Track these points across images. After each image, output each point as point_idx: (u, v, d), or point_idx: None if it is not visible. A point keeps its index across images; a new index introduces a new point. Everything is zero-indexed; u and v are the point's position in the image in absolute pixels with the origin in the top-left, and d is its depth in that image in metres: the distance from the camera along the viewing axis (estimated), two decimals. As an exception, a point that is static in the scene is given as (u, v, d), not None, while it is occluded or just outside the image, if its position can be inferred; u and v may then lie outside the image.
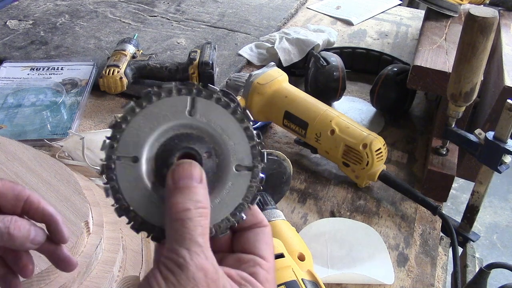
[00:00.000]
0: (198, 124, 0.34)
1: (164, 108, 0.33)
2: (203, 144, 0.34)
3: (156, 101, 0.33)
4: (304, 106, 0.79)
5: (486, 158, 0.67)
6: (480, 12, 0.63)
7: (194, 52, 0.97)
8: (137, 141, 0.33)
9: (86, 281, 0.52)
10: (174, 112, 0.34)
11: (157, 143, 0.34)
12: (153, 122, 0.33)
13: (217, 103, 0.34)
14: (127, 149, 0.33)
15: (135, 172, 0.33)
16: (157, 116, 0.33)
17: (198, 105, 0.34)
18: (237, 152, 0.34)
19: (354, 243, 0.68)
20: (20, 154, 0.63)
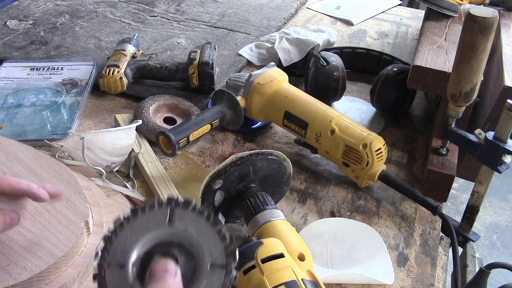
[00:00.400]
0: (176, 232, 0.40)
1: (148, 220, 0.40)
2: (181, 249, 0.40)
3: (141, 215, 0.40)
4: (304, 106, 0.79)
5: (486, 158, 0.67)
6: (480, 12, 0.63)
7: (194, 52, 0.97)
8: (124, 250, 0.39)
9: (86, 281, 0.53)
10: (156, 223, 0.40)
11: (142, 250, 0.40)
12: (138, 233, 0.40)
13: (192, 211, 0.40)
14: (116, 257, 0.39)
15: (122, 277, 0.39)
16: (142, 227, 0.40)
17: (176, 214, 0.40)
18: (211, 252, 0.40)
19: (354, 243, 0.68)
20: (20, 154, 0.63)
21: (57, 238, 0.52)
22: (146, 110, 0.86)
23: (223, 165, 0.63)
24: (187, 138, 0.75)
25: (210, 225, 0.40)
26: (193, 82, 0.95)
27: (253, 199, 0.62)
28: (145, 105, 0.87)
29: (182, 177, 0.78)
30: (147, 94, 0.94)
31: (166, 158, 0.81)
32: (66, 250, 0.51)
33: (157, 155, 0.80)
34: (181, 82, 0.97)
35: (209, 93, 0.96)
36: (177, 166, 0.80)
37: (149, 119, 0.84)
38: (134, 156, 0.79)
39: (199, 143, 0.86)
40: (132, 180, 0.76)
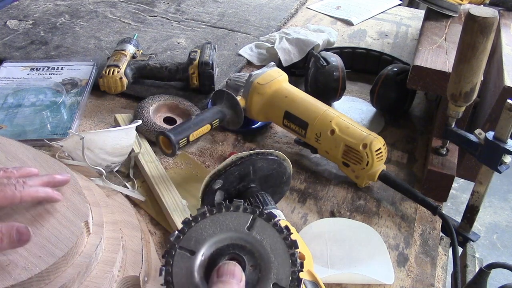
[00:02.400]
0: (252, 240, 0.41)
1: (229, 219, 0.41)
2: (251, 257, 0.40)
3: (225, 212, 0.41)
4: (304, 106, 0.79)
5: (486, 158, 0.67)
6: (480, 12, 0.63)
7: (194, 52, 0.97)
8: (199, 239, 0.40)
9: (86, 281, 0.52)
10: (236, 224, 0.41)
11: (215, 246, 0.40)
12: (217, 227, 0.40)
13: (273, 226, 0.41)
14: (189, 243, 0.40)
15: (189, 263, 0.39)
16: (222, 224, 0.40)
17: (257, 224, 0.41)
18: (278, 272, 0.40)
19: (354, 243, 0.68)
20: (20, 154, 0.63)
21: (57, 238, 0.52)
22: (146, 110, 0.86)
23: (223, 165, 0.63)
24: (187, 138, 0.75)
25: (286, 246, 0.41)
26: (193, 82, 0.95)
27: (253, 199, 0.62)
28: (145, 105, 0.87)
29: (182, 177, 0.78)
30: (147, 94, 0.94)
31: (166, 158, 0.81)
32: (66, 250, 0.50)
33: (157, 155, 0.80)
34: (181, 82, 0.97)
35: (209, 93, 0.96)
36: (177, 166, 0.80)
37: (149, 119, 0.84)
38: (134, 156, 0.79)
39: (199, 143, 0.86)
40: (132, 180, 0.76)
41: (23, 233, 0.49)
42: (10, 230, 0.48)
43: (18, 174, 0.56)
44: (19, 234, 0.48)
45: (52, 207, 0.55)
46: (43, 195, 0.54)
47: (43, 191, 0.54)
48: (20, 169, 0.57)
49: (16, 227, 0.48)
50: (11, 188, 0.51)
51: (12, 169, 0.56)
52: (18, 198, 0.52)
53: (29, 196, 0.52)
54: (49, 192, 0.54)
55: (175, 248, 0.39)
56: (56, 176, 0.57)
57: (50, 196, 0.54)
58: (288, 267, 0.40)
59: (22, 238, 0.49)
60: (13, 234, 0.48)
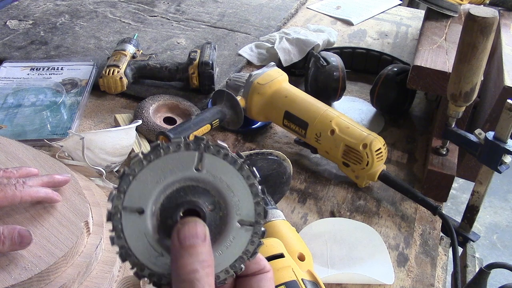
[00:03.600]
0: (204, 179, 0.35)
1: (172, 162, 0.34)
2: (207, 197, 0.35)
3: (164, 155, 0.34)
4: (304, 106, 0.79)
5: (486, 158, 0.67)
6: (480, 12, 0.63)
7: (194, 52, 0.97)
8: (143, 193, 0.34)
9: (86, 281, 0.52)
10: (181, 166, 0.35)
11: (163, 196, 0.35)
12: (159, 175, 0.34)
13: (224, 159, 0.35)
14: (133, 201, 0.34)
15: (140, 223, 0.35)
16: (164, 169, 0.34)
17: (206, 160, 0.35)
18: (241, 207, 0.36)
19: (354, 243, 0.68)
20: (20, 154, 0.63)
21: (57, 238, 0.52)
22: (146, 110, 0.86)
23: (223, 165, 0.62)
24: (187, 138, 0.75)
25: (243, 177, 0.35)
26: (193, 82, 0.95)
27: (253, 199, 0.62)
28: (145, 105, 0.87)
29: (182, 177, 0.78)
30: (147, 94, 0.94)
31: (166, 158, 0.81)
32: (66, 250, 0.50)
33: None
34: (181, 82, 0.97)
35: (209, 93, 0.96)
36: (177, 166, 0.80)
37: (149, 119, 0.84)
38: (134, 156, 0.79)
39: (199, 143, 0.86)
40: (132, 180, 0.76)
41: (24, 236, 0.49)
42: (12, 233, 0.49)
43: (18, 174, 0.56)
44: (20, 237, 0.49)
45: (52, 207, 0.55)
46: (43, 195, 0.54)
47: (43, 192, 0.54)
48: (20, 169, 0.57)
49: (18, 230, 0.49)
50: (11, 188, 0.51)
51: (12, 169, 0.56)
52: (18, 198, 0.52)
53: (29, 196, 0.53)
54: (49, 193, 0.55)
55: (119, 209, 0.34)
56: (56, 176, 0.57)
57: (49, 196, 0.55)
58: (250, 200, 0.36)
59: (23, 241, 0.49)
60: (14, 237, 0.49)
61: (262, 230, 0.36)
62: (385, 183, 0.76)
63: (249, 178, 0.35)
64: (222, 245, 0.36)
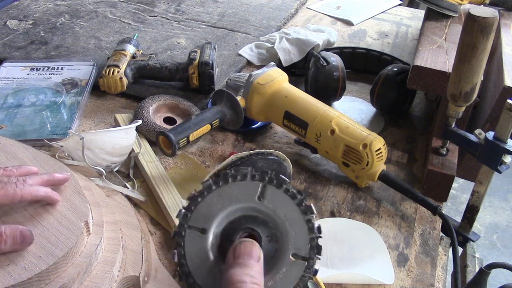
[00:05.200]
0: (264, 209, 0.38)
1: (237, 190, 0.38)
2: (266, 228, 0.38)
3: (232, 183, 0.38)
4: (304, 106, 0.79)
5: (486, 158, 0.67)
6: (480, 12, 0.63)
7: (194, 52, 0.97)
8: (208, 215, 0.37)
9: (86, 281, 0.52)
10: (245, 195, 0.38)
11: (226, 220, 0.38)
12: (225, 200, 0.38)
13: (285, 193, 0.38)
14: (198, 221, 0.37)
15: (201, 242, 0.37)
16: (230, 196, 0.38)
17: (268, 192, 0.38)
18: (296, 241, 0.38)
19: (354, 243, 0.68)
20: (20, 154, 0.63)
21: (57, 238, 0.52)
22: (146, 110, 0.86)
23: (223, 165, 0.63)
24: (187, 138, 0.75)
25: (301, 212, 0.38)
26: (193, 82, 0.95)
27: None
28: (145, 105, 0.87)
29: (182, 177, 0.78)
30: (147, 94, 0.94)
31: (166, 158, 0.81)
32: (66, 250, 0.50)
33: (157, 155, 0.80)
34: (181, 82, 0.97)
35: (209, 93, 0.96)
36: (177, 166, 0.80)
37: (149, 119, 0.84)
38: (134, 156, 0.79)
39: (199, 143, 0.86)
40: (132, 180, 0.76)
41: (26, 236, 0.49)
42: (14, 232, 0.49)
43: (18, 173, 0.56)
44: (22, 236, 0.49)
45: (51, 207, 0.55)
46: (43, 194, 0.54)
47: (43, 191, 0.54)
48: (20, 168, 0.57)
49: (19, 230, 0.49)
50: (11, 186, 0.52)
51: (12, 168, 0.56)
52: (18, 196, 0.52)
53: (30, 194, 0.53)
54: (49, 192, 0.55)
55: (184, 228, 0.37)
56: (55, 174, 0.58)
57: (49, 196, 0.55)
58: (305, 235, 0.37)
59: (25, 241, 0.49)
60: (16, 237, 0.49)
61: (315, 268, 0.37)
62: (385, 183, 0.76)
63: (307, 214, 0.38)
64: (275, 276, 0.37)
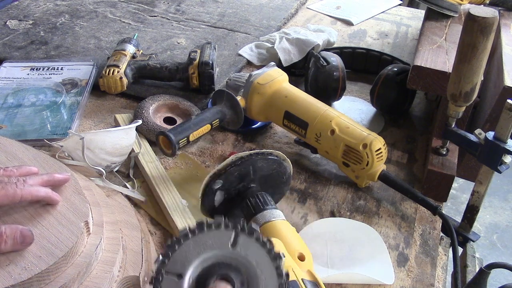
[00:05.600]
0: (237, 256, 0.40)
1: (212, 238, 0.40)
2: (238, 273, 0.40)
3: (207, 231, 0.40)
4: (304, 106, 0.79)
5: (486, 158, 0.67)
6: (480, 12, 0.63)
7: (194, 52, 0.97)
8: (184, 261, 0.40)
9: (86, 281, 0.52)
10: (219, 243, 0.40)
11: (201, 266, 0.40)
12: (200, 248, 0.40)
13: (256, 241, 0.41)
14: (175, 267, 0.40)
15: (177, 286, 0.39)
16: (205, 243, 0.40)
17: (240, 239, 0.41)
18: (266, 285, 0.40)
19: (354, 243, 0.68)
20: (20, 154, 0.63)
21: (57, 238, 0.52)
22: (146, 110, 0.86)
23: (223, 165, 0.63)
24: (187, 138, 0.75)
25: (270, 259, 0.41)
26: (193, 82, 0.95)
27: (253, 199, 0.62)
28: (145, 105, 0.87)
29: (182, 177, 0.78)
30: (147, 94, 0.94)
31: (166, 158, 0.81)
32: (66, 250, 0.50)
33: (157, 155, 0.80)
34: (181, 82, 0.97)
35: (209, 93, 0.96)
36: (177, 166, 0.80)
37: (149, 119, 0.84)
38: (134, 156, 0.79)
39: (199, 143, 0.86)
40: (132, 180, 0.76)
41: (26, 235, 0.49)
42: (14, 232, 0.49)
43: (18, 173, 0.56)
44: (22, 236, 0.49)
45: (51, 207, 0.55)
46: (43, 194, 0.54)
47: (43, 191, 0.54)
48: (20, 168, 0.57)
49: (20, 230, 0.49)
50: (12, 186, 0.52)
51: (12, 168, 0.56)
52: (18, 196, 0.52)
53: (30, 194, 0.53)
54: (49, 192, 0.55)
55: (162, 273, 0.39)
56: (55, 175, 0.58)
57: (49, 196, 0.55)
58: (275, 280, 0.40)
59: (25, 241, 0.49)
60: (16, 237, 0.49)
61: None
62: (385, 183, 0.76)
63: (275, 260, 0.40)
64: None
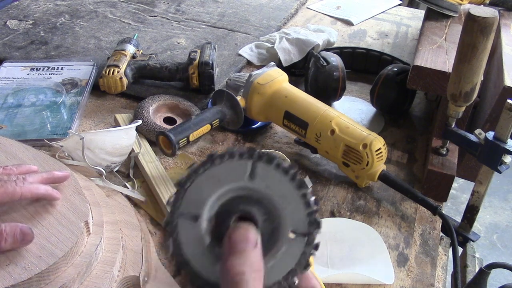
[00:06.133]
0: (257, 188, 0.35)
1: (226, 170, 0.35)
2: (260, 207, 0.35)
3: (219, 164, 0.35)
4: (304, 106, 0.79)
5: (486, 158, 0.67)
6: (480, 12, 0.63)
7: (194, 52, 0.97)
8: (199, 200, 0.35)
9: (86, 281, 0.53)
10: (235, 175, 0.35)
11: (217, 204, 0.35)
12: (215, 183, 0.35)
13: (276, 169, 0.35)
14: (189, 207, 0.35)
15: (195, 229, 0.35)
16: (219, 178, 0.35)
17: (258, 169, 0.35)
18: (293, 217, 0.35)
19: (354, 243, 0.68)
20: (20, 154, 0.63)
21: (57, 238, 0.52)
22: (146, 110, 0.86)
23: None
24: (187, 138, 0.75)
25: (295, 187, 0.35)
26: (193, 82, 0.95)
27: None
28: (145, 105, 0.87)
29: (182, 177, 0.78)
30: (147, 94, 0.94)
31: (166, 158, 0.81)
32: (66, 250, 0.50)
33: (157, 155, 0.80)
34: (181, 82, 0.97)
35: (209, 93, 0.96)
36: (177, 166, 0.80)
37: (149, 119, 0.84)
38: (134, 156, 0.79)
39: (199, 143, 0.86)
40: (132, 180, 0.76)
41: (26, 233, 0.49)
42: (14, 230, 0.49)
43: (18, 171, 0.56)
44: (22, 234, 0.49)
45: (51, 207, 0.55)
46: (43, 192, 0.54)
47: (43, 188, 0.54)
48: (19, 166, 0.57)
49: (20, 228, 0.49)
50: (11, 184, 0.52)
51: (12, 167, 0.56)
52: (18, 194, 0.52)
53: (29, 192, 0.53)
54: (49, 190, 0.55)
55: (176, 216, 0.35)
56: (55, 172, 0.58)
57: (49, 193, 0.55)
58: (302, 210, 0.35)
59: (25, 239, 0.49)
60: (16, 234, 0.49)
61: (316, 242, 0.35)
62: (385, 183, 0.76)
63: (301, 188, 0.35)
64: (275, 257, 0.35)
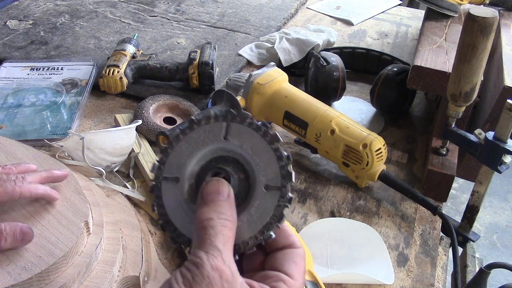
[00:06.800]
0: (231, 147, 0.38)
1: (203, 134, 0.38)
2: (236, 165, 0.38)
3: (197, 128, 0.38)
4: (304, 106, 0.79)
5: (486, 158, 0.67)
6: (480, 12, 0.63)
7: (194, 52, 0.97)
8: (180, 163, 0.38)
9: (86, 281, 0.53)
10: (211, 137, 0.38)
11: (197, 165, 0.38)
12: (193, 147, 0.38)
13: (249, 127, 0.38)
14: (171, 171, 0.38)
15: (177, 191, 0.38)
16: (197, 141, 0.38)
17: (232, 129, 0.38)
18: (266, 172, 0.38)
19: (354, 243, 0.68)
20: (20, 154, 0.63)
21: (57, 238, 0.52)
22: (146, 110, 0.86)
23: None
24: (187, 138, 0.75)
25: (267, 142, 0.38)
26: (193, 82, 0.95)
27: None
28: (145, 105, 0.87)
29: (182, 177, 0.78)
30: (147, 94, 0.94)
31: (166, 158, 0.81)
32: (66, 250, 0.50)
33: (157, 155, 0.80)
34: (181, 82, 0.97)
35: (209, 93, 0.96)
36: (177, 166, 0.80)
37: (149, 119, 0.84)
38: (134, 156, 0.79)
39: (199, 143, 0.86)
40: (132, 180, 0.76)
41: (26, 233, 0.49)
42: (14, 229, 0.49)
43: (17, 170, 0.56)
44: (22, 234, 0.49)
45: (51, 206, 0.55)
46: (42, 192, 0.54)
47: (42, 188, 0.54)
48: (19, 166, 0.57)
49: (20, 227, 0.49)
50: (10, 183, 0.52)
51: (11, 166, 0.56)
52: (17, 193, 0.52)
53: (29, 191, 0.53)
54: (48, 190, 0.55)
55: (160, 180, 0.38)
56: (54, 171, 0.58)
57: (48, 193, 0.55)
58: (275, 164, 0.37)
59: (25, 238, 0.50)
60: (16, 234, 0.49)
61: (289, 195, 0.37)
62: (385, 183, 0.76)
63: (273, 143, 0.37)
64: (249, 211, 0.37)
